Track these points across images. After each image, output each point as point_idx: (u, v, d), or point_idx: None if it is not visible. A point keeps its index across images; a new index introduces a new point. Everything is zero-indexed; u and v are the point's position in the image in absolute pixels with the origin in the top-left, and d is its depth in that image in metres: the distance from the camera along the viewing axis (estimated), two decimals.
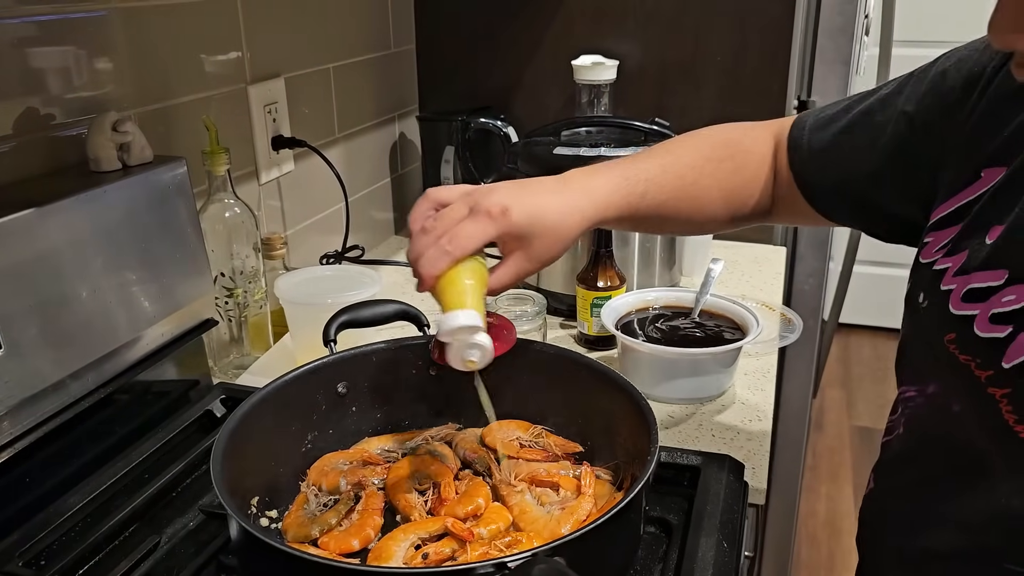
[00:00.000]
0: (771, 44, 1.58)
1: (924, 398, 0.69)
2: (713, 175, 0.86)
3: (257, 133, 1.31)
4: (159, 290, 0.99)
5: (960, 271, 0.64)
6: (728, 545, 0.78)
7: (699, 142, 0.90)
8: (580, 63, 1.52)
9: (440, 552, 0.74)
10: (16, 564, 0.77)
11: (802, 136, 0.83)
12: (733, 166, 0.87)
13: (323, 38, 1.48)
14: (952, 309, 0.64)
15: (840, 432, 3.15)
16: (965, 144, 0.68)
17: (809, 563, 2.51)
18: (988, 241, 0.63)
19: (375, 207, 1.73)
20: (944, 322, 0.64)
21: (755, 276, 1.53)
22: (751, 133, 0.90)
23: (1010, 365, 0.58)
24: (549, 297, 1.26)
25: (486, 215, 0.74)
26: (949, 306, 0.64)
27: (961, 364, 0.62)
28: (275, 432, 0.86)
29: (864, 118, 0.78)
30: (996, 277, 0.61)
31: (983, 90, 0.67)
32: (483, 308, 0.76)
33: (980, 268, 0.62)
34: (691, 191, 0.85)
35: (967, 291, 0.63)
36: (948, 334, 0.64)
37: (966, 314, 0.62)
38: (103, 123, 0.94)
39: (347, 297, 1.08)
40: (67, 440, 0.91)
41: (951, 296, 0.64)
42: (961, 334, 0.63)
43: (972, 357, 0.62)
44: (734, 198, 0.87)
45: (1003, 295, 0.60)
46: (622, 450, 0.84)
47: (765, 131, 0.89)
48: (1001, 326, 0.59)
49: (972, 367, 0.61)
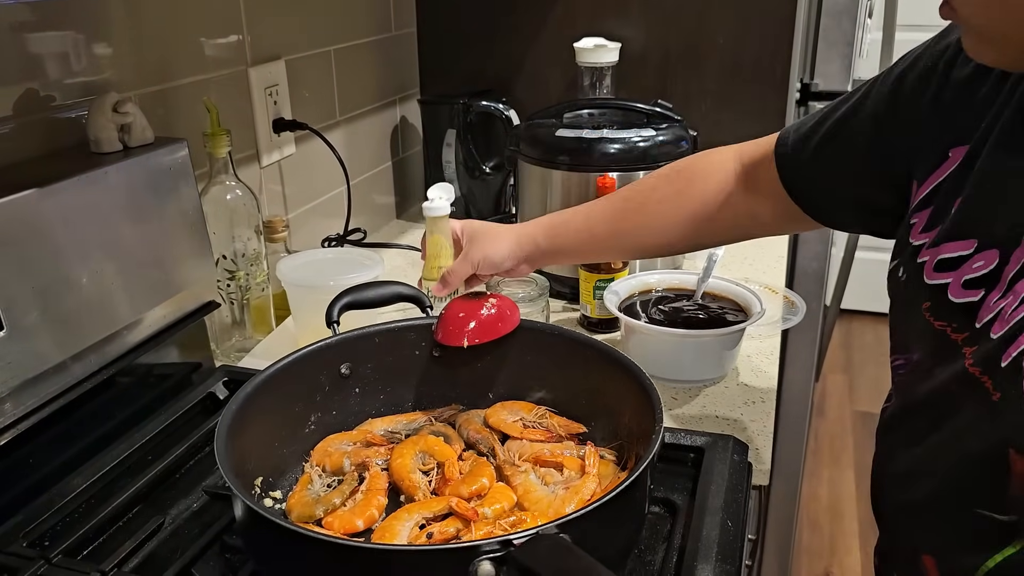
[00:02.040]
0: (774, 26, 1.57)
1: (910, 364, 0.73)
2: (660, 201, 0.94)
3: (258, 116, 1.30)
4: (160, 272, 0.99)
5: (932, 244, 0.69)
6: (732, 524, 0.78)
7: (647, 179, 0.98)
8: (582, 45, 1.51)
9: (444, 531, 0.74)
10: (20, 545, 0.77)
11: (786, 153, 0.86)
12: (685, 193, 0.93)
13: (324, 20, 1.47)
14: (926, 279, 0.69)
15: (842, 417, 3.15)
16: (933, 131, 0.72)
17: (811, 547, 2.51)
18: (953, 213, 0.68)
19: (376, 190, 1.73)
20: (920, 292, 0.69)
21: (758, 259, 1.52)
22: (705, 159, 0.95)
23: (980, 324, 0.63)
24: (552, 280, 1.26)
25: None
26: (923, 276, 0.69)
27: (937, 330, 0.67)
28: (278, 413, 0.86)
29: (839, 127, 0.81)
30: (965, 247, 0.66)
31: (941, 80, 0.72)
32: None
33: (948, 239, 0.67)
34: (634, 219, 0.95)
35: (938, 261, 0.68)
36: (924, 303, 0.69)
37: (939, 283, 0.67)
38: (104, 104, 0.94)
39: (349, 279, 1.08)
40: (70, 422, 0.91)
41: (924, 267, 0.69)
42: (935, 302, 0.68)
43: (947, 323, 0.67)
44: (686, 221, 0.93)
45: (973, 262, 0.65)
46: (626, 430, 0.84)
47: (727, 155, 0.93)
48: (974, 291, 0.65)
49: (948, 331, 0.66)
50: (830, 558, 2.48)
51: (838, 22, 1.72)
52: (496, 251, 0.95)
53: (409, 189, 1.85)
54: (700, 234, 0.95)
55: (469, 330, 0.91)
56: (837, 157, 0.81)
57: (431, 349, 0.95)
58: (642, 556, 0.77)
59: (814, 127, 0.84)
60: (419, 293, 0.99)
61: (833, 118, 0.82)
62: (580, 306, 1.25)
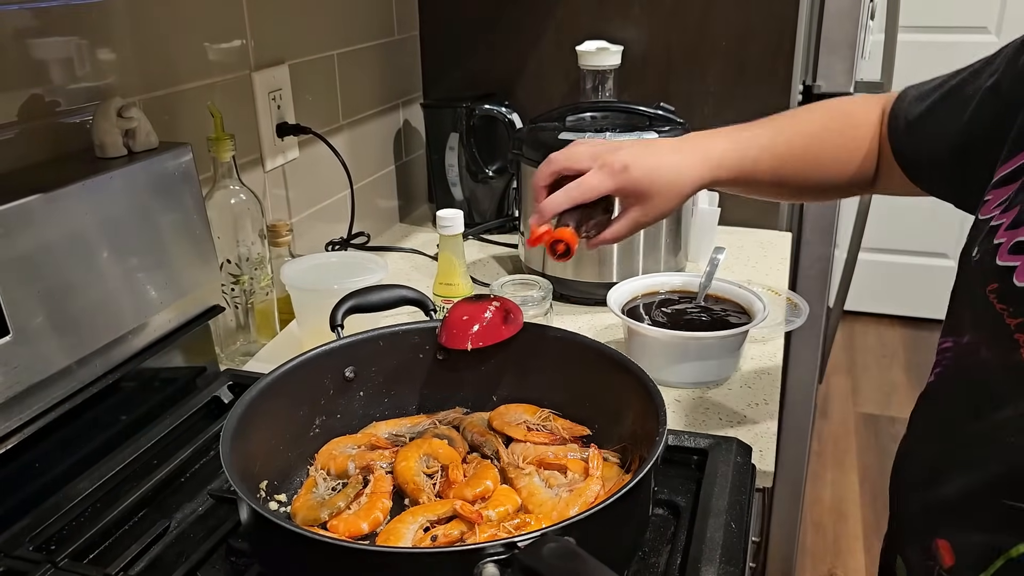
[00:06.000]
0: (776, 28, 1.58)
1: (958, 348, 0.72)
2: (823, 145, 0.90)
3: (262, 120, 1.31)
4: (165, 276, 0.99)
5: (1012, 225, 0.66)
6: (736, 526, 0.78)
7: (812, 114, 0.93)
8: (584, 49, 1.51)
9: (449, 534, 0.74)
10: (26, 549, 0.77)
11: (901, 108, 0.86)
12: (844, 137, 0.90)
13: (327, 25, 1.47)
14: (998, 261, 0.66)
15: (845, 419, 3.15)
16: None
17: (815, 549, 2.51)
18: None
19: (380, 194, 1.73)
20: (989, 273, 0.67)
21: (761, 261, 1.52)
22: (862, 106, 0.92)
23: None
24: (555, 283, 1.26)
25: (609, 169, 0.83)
26: (996, 258, 0.66)
27: (996, 313, 0.65)
28: (283, 416, 0.86)
29: (956, 90, 0.80)
30: None
31: None
32: None
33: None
34: (801, 159, 0.90)
35: (1014, 244, 0.65)
36: (991, 284, 0.66)
37: (1009, 265, 0.65)
38: (108, 109, 0.94)
39: (353, 283, 1.08)
40: (75, 426, 0.91)
41: (999, 249, 0.66)
42: (1002, 284, 0.65)
43: (1007, 306, 0.64)
44: (842, 168, 0.90)
45: None
46: (629, 432, 0.84)
47: (875, 103, 0.91)
48: None
49: (1005, 316, 0.64)
50: (834, 560, 2.48)
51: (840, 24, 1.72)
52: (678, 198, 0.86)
53: (412, 193, 1.86)
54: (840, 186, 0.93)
55: (473, 333, 0.91)
56: (946, 120, 0.80)
57: (435, 352, 0.95)
58: (646, 558, 0.78)
59: (933, 88, 0.83)
60: (423, 297, 0.99)
61: (952, 82, 0.81)
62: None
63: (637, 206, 0.85)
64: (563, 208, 0.83)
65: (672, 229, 1.37)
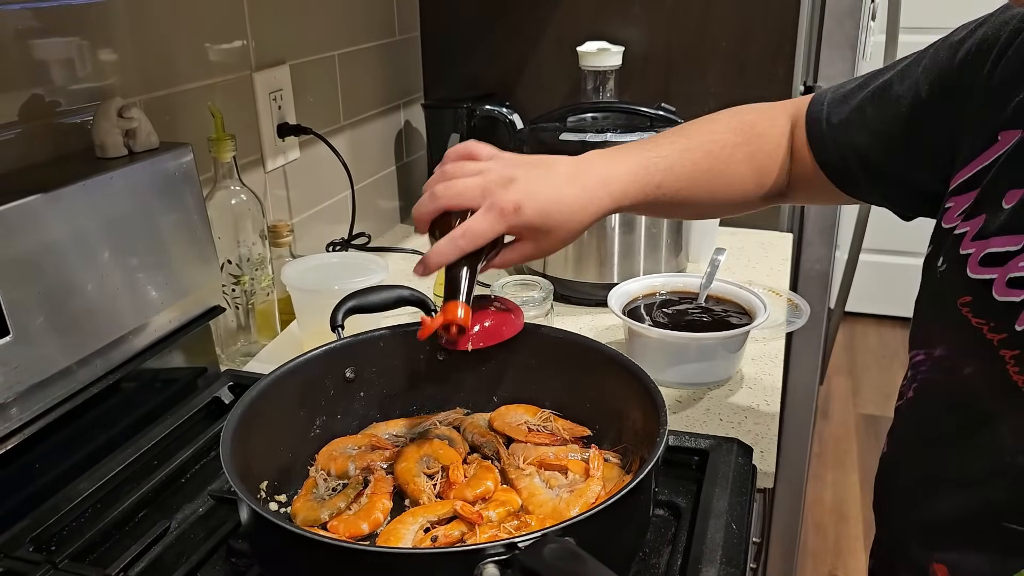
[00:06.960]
0: (777, 29, 1.58)
1: (932, 361, 0.70)
2: (728, 161, 0.86)
3: (262, 120, 1.31)
4: (166, 277, 0.99)
5: (978, 235, 0.64)
6: (737, 527, 0.78)
7: (715, 127, 0.89)
8: (585, 49, 1.51)
9: (449, 535, 0.74)
10: (27, 549, 0.77)
11: (821, 111, 0.83)
12: (749, 150, 0.87)
13: (328, 25, 1.47)
14: (970, 273, 0.64)
15: (846, 420, 3.15)
16: (983, 109, 0.68)
17: (815, 550, 2.51)
18: (1006, 206, 0.63)
19: (381, 195, 1.73)
20: (960, 286, 0.65)
21: (762, 262, 1.52)
22: (767, 115, 0.89)
23: (1023, 328, 0.60)
24: (556, 284, 1.26)
25: (499, 211, 0.76)
26: (967, 270, 0.65)
27: (973, 327, 0.63)
28: (283, 417, 0.86)
29: (883, 91, 0.78)
30: (1014, 242, 0.62)
31: (999, 55, 0.68)
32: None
33: (998, 233, 0.63)
34: (706, 179, 0.85)
35: (984, 255, 0.63)
36: (963, 297, 0.65)
37: (984, 278, 0.63)
38: (109, 109, 0.94)
39: (354, 283, 1.08)
40: (76, 426, 0.91)
41: (969, 260, 0.65)
42: (977, 298, 0.63)
43: (986, 320, 0.62)
44: (750, 183, 0.87)
45: (1020, 259, 0.61)
46: (630, 433, 0.84)
47: (781, 112, 0.89)
48: (1017, 290, 0.61)
49: (985, 331, 0.62)
50: (834, 561, 2.48)
51: (841, 24, 1.72)
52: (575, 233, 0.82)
53: (413, 193, 1.86)
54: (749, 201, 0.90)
55: (474, 334, 0.91)
56: (876, 120, 0.77)
57: (435, 353, 0.95)
58: (647, 559, 0.77)
59: (854, 89, 0.80)
60: (423, 297, 0.99)
61: (877, 82, 0.78)
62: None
63: (530, 241, 0.80)
64: (450, 260, 0.77)
65: (673, 230, 1.37)
